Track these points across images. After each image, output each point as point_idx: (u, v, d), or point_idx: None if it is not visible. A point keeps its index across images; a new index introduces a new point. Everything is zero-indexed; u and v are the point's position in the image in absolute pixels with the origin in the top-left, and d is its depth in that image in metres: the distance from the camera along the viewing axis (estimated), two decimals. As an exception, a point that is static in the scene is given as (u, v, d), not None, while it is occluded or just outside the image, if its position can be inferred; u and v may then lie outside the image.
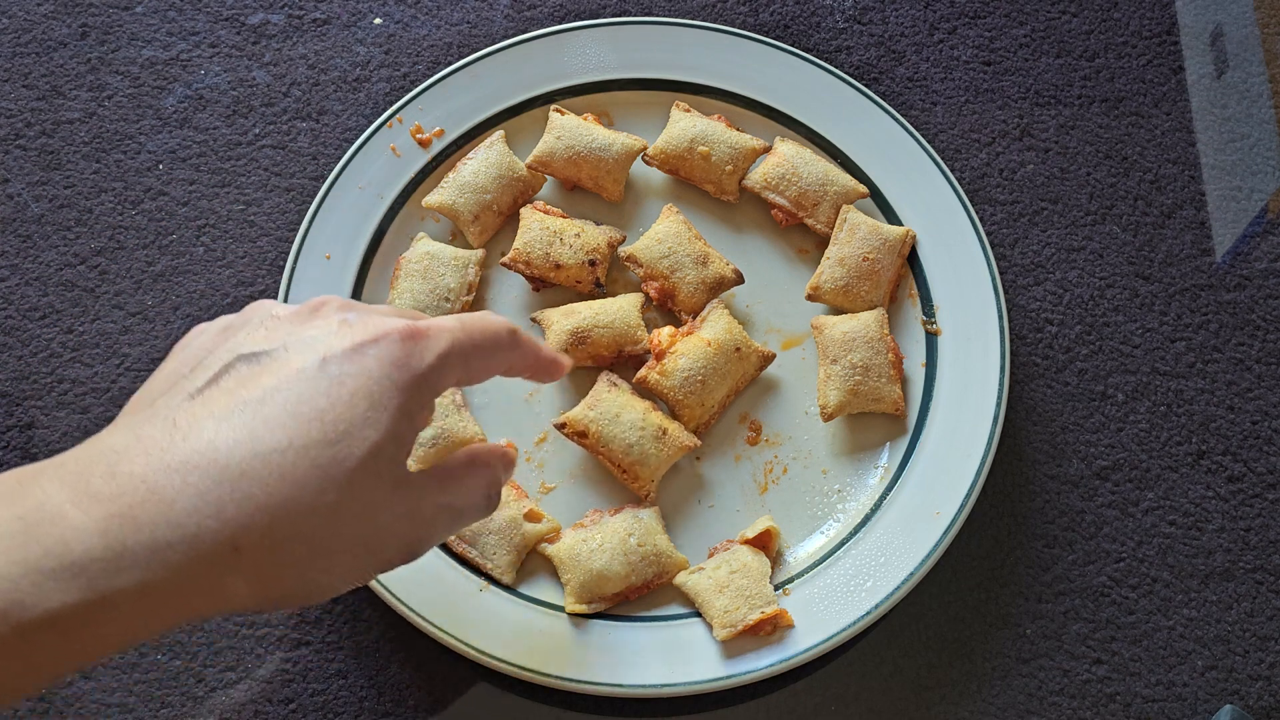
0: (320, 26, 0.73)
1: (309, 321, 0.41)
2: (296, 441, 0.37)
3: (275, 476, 0.36)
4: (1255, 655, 0.59)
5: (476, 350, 0.43)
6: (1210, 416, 0.64)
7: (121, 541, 0.34)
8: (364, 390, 0.39)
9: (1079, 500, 0.62)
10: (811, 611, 0.57)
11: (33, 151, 0.69)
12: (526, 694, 0.57)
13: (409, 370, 0.40)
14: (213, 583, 0.36)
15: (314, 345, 0.40)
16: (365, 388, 0.39)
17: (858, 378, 0.61)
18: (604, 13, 0.73)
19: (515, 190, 0.66)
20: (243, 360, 0.39)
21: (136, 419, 0.38)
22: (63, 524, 0.34)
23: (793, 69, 0.69)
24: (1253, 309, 0.66)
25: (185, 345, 0.43)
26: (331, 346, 0.39)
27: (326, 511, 0.38)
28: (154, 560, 0.34)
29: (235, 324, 0.42)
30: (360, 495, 0.39)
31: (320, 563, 0.39)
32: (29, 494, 0.35)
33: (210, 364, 0.40)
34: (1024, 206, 0.69)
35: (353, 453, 0.38)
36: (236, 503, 0.36)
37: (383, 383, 0.39)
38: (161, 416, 0.38)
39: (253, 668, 0.57)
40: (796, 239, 0.67)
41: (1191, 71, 0.73)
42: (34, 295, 0.65)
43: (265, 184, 0.69)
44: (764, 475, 0.62)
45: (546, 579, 0.59)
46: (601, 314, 0.61)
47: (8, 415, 0.63)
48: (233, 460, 0.36)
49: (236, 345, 0.40)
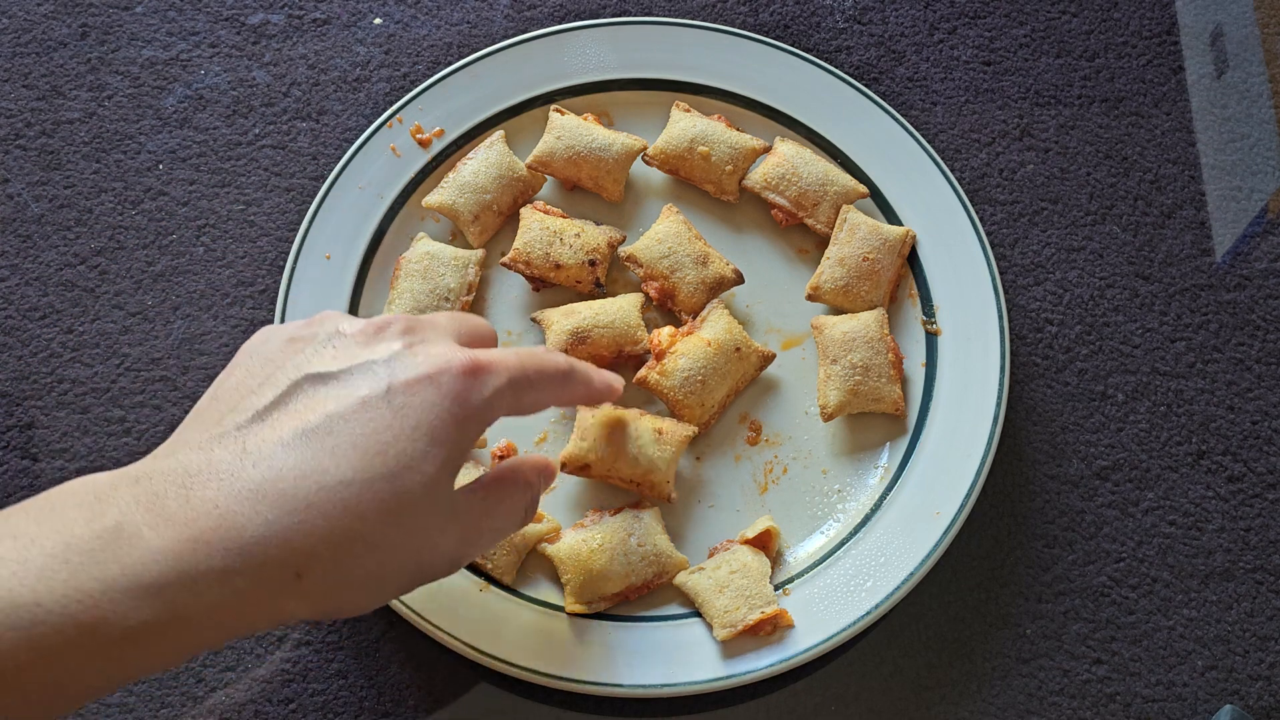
0: (320, 26, 0.73)
1: (374, 343, 0.43)
2: (360, 475, 0.39)
3: (339, 510, 0.38)
4: (1255, 655, 0.59)
5: (530, 386, 0.45)
6: (1210, 416, 0.64)
7: (195, 566, 0.36)
8: (425, 425, 0.40)
9: (1079, 500, 0.62)
10: (811, 611, 0.57)
11: (33, 151, 0.69)
12: (526, 694, 0.57)
13: (467, 406, 0.42)
14: (275, 604, 0.38)
15: (378, 373, 0.41)
16: (426, 422, 0.41)
17: (858, 378, 0.61)
18: (604, 13, 0.73)
19: (515, 190, 0.66)
20: (309, 381, 0.41)
21: (208, 437, 0.40)
22: (141, 546, 0.36)
23: (793, 69, 0.69)
24: (1253, 309, 0.66)
25: (252, 352, 0.44)
26: (395, 375, 0.41)
27: (385, 542, 0.40)
28: (223, 584, 0.37)
29: (303, 336, 0.44)
30: (417, 524, 0.41)
31: (375, 584, 0.41)
32: (107, 512, 0.37)
33: (278, 380, 0.41)
34: (1024, 206, 0.69)
35: (412, 487, 0.40)
36: (302, 535, 0.38)
37: (443, 417, 0.41)
38: (232, 439, 0.40)
39: (253, 668, 0.57)
40: (796, 239, 0.67)
41: (1191, 71, 0.73)
42: (34, 295, 0.65)
43: (265, 184, 0.69)
44: (764, 475, 0.62)
45: (546, 579, 0.59)
46: (601, 314, 0.61)
47: (8, 415, 0.63)
48: (300, 492, 0.38)
49: (303, 363, 0.42)
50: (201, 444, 0.40)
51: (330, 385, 0.41)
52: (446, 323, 0.46)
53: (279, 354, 0.43)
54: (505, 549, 0.58)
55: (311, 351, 0.43)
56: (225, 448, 0.39)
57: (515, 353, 0.45)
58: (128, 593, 0.35)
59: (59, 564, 0.35)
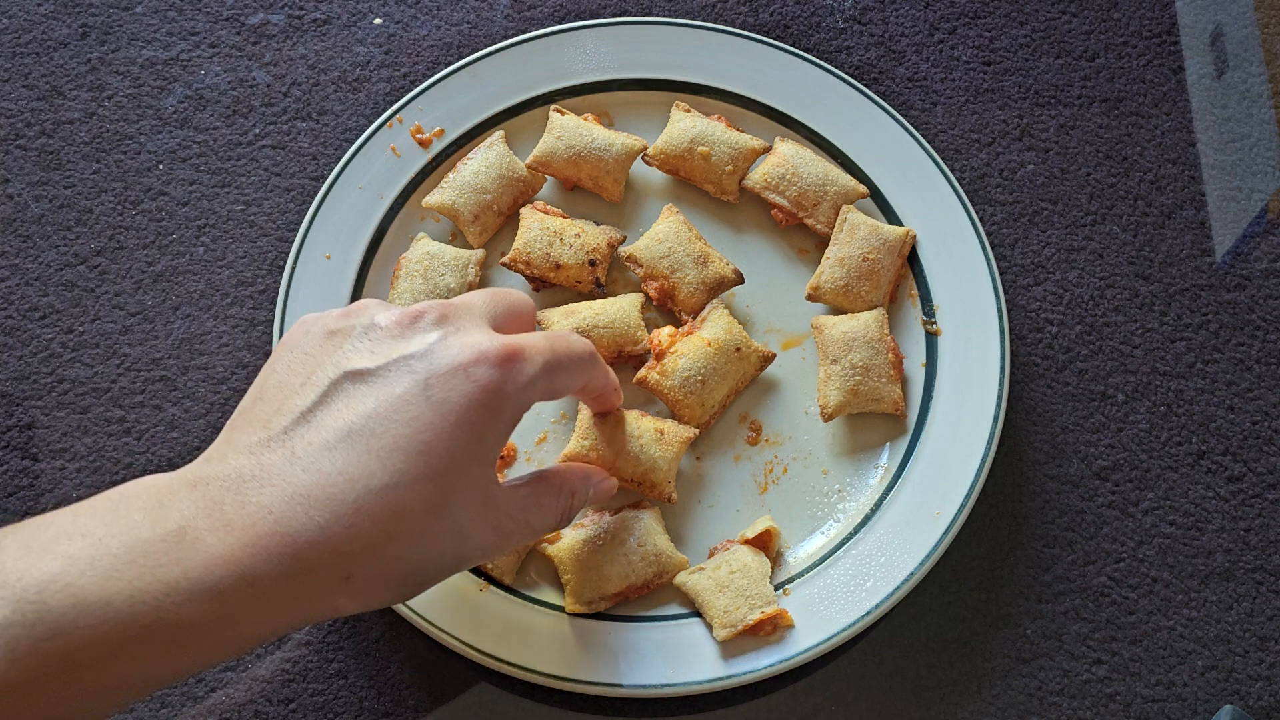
0: (320, 26, 0.73)
1: (408, 335, 0.44)
2: (405, 477, 0.40)
3: (386, 512, 0.40)
4: (1255, 655, 0.59)
5: (561, 369, 0.46)
6: (1210, 416, 0.64)
7: (253, 570, 0.38)
8: (465, 420, 0.41)
9: (1079, 500, 0.62)
10: (811, 611, 0.57)
11: (33, 151, 0.69)
12: (526, 694, 0.57)
13: (505, 396, 0.43)
14: (325, 601, 0.40)
15: (415, 369, 0.42)
16: (466, 418, 0.41)
17: (858, 378, 0.61)
18: (604, 13, 0.73)
19: (515, 190, 0.66)
20: (348, 379, 0.42)
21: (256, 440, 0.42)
22: (203, 550, 0.38)
23: (793, 69, 0.69)
24: (1253, 309, 0.66)
25: (292, 346, 0.45)
26: (433, 367, 0.42)
27: (429, 538, 0.42)
28: (278, 586, 0.38)
29: (340, 330, 0.45)
30: (458, 518, 0.42)
31: (417, 577, 0.43)
32: (170, 516, 0.39)
33: (318, 380, 0.43)
34: (1024, 206, 0.69)
35: (455, 484, 0.42)
36: (351, 538, 0.39)
37: (482, 412, 0.42)
38: (279, 443, 0.41)
39: (253, 667, 0.57)
40: (796, 239, 0.67)
41: (1191, 71, 0.73)
42: (34, 295, 0.65)
43: (265, 184, 0.69)
44: (764, 475, 0.62)
45: (546, 579, 0.59)
46: (602, 314, 0.61)
47: (8, 415, 0.63)
48: (348, 496, 0.39)
49: (342, 360, 0.43)
50: (252, 448, 0.41)
51: (369, 383, 0.42)
52: (481, 305, 0.47)
53: (318, 350, 0.44)
54: (505, 549, 0.58)
55: (350, 347, 0.43)
56: (274, 452, 0.41)
57: (545, 336, 0.46)
58: (190, 595, 0.37)
59: (125, 565, 0.37)
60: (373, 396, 0.41)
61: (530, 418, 0.62)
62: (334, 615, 0.41)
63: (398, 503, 0.40)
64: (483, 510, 0.44)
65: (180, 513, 0.39)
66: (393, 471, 0.40)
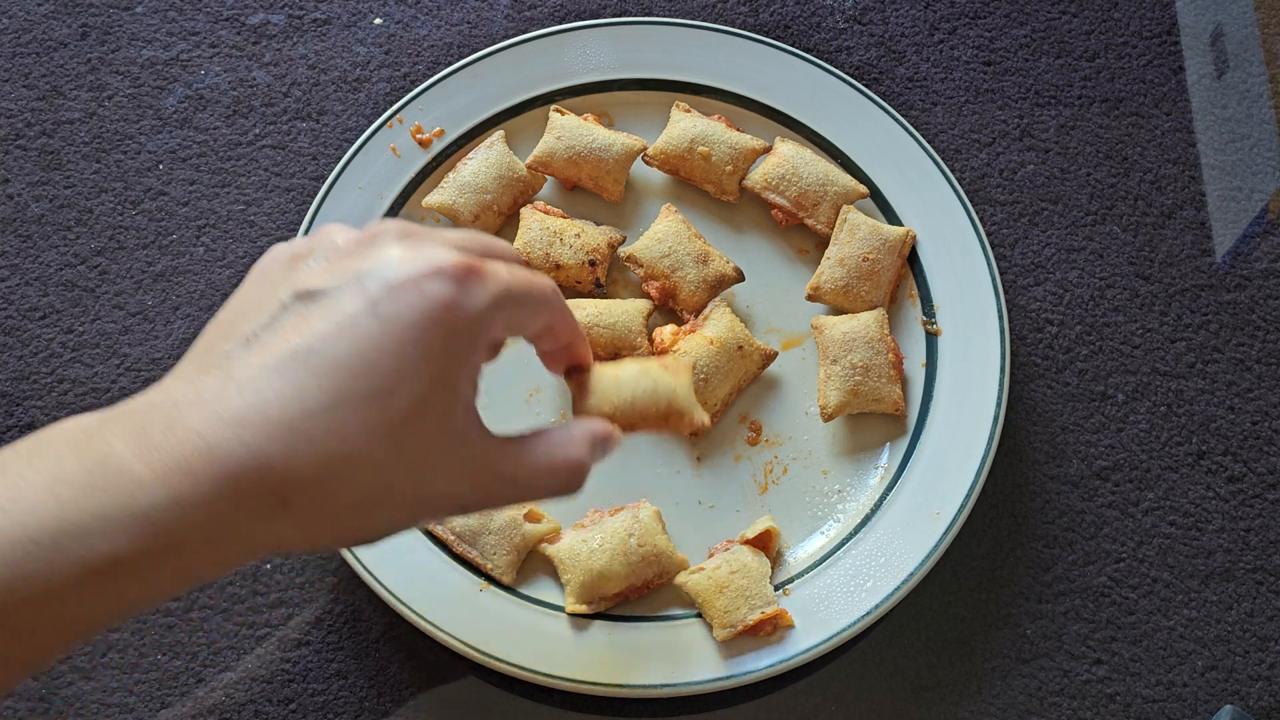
0: (320, 26, 0.73)
1: (364, 252, 0.40)
2: (345, 398, 0.37)
3: (323, 432, 0.37)
4: (1255, 655, 0.59)
5: (528, 298, 0.42)
6: (1210, 416, 0.64)
7: (182, 494, 0.36)
8: (413, 338, 0.38)
9: (1079, 500, 0.62)
10: (811, 611, 0.57)
11: (33, 151, 0.69)
12: (526, 694, 0.57)
13: (461, 311, 0.39)
14: (264, 530, 0.37)
15: (365, 284, 0.39)
16: (414, 335, 0.38)
17: (858, 378, 0.61)
18: (604, 13, 0.73)
19: (515, 190, 0.66)
20: (299, 300, 0.39)
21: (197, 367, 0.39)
22: (128, 476, 0.36)
23: (793, 69, 0.69)
24: (1253, 309, 0.66)
25: (262, 271, 0.42)
26: (383, 281, 0.38)
27: (373, 465, 0.38)
28: (210, 512, 0.36)
29: (302, 253, 0.42)
30: (408, 448, 0.39)
31: (367, 511, 0.39)
32: (95, 447, 0.36)
33: (270, 303, 0.40)
34: (1024, 206, 0.69)
35: (400, 406, 0.38)
36: (285, 458, 0.36)
37: (433, 328, 0.38)
38: (219, 366, 0.38)
39: (253, 668, 0.57)
40: (796, 239, 0.67)
41: (1191, 71, 0.73)
42: (34, 295, 0.65)
43: (265, 184, 0.69)
44: (764, 475, 0.62)
45: (546, 579, 0.59)
46: (605, 314, 0.61)
47: (8, 415, 0.63)
48: (284, 417, 0.37)
49: (297, 280, 0.40)
50: (190, 375, 0.39)
51: (319, 302, 0.39)
52: (453, 235, 0.43)
53: (278, 274, 0.41)
54: (505, 549, 0.58)
55: (305, 269, 0.41)
56: (212, 376, 0.38)
57: (507, 266, 0.42)
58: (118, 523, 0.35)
59: (49, 498, 0.35)
60: (320, 315, 0.38)
61: (530, 417, 0.62)
62: (281, 549, 0.38)
63: (336, 424, 0.37)
64: (449, 448, 0.40)
65: (106, 442, 0.36)
66: (331, 391, 0.37)
